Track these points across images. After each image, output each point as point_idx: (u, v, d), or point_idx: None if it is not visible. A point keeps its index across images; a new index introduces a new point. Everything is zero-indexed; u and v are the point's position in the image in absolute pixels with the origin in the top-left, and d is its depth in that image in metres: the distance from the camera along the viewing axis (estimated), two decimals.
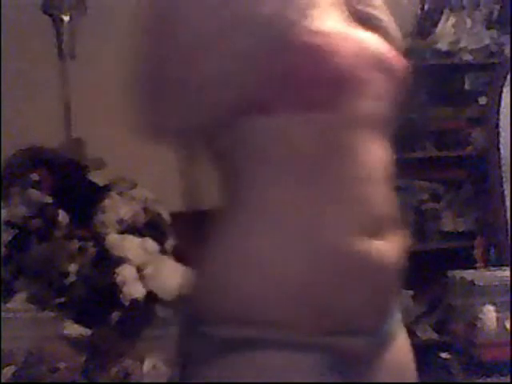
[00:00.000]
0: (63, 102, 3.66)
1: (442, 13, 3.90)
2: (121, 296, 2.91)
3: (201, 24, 1.13)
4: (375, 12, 1.30)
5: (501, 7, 3.94)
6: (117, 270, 2.95)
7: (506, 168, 3.65)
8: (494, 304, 3.17)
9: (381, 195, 1.21)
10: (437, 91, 3.95)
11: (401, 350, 1.28)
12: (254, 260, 1.16)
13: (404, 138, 3.54)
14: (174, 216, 3.36)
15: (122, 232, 3.11)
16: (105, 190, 3.23)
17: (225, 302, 1.18)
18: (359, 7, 1.28)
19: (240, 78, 1.13)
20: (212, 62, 1.13)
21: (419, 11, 3.89)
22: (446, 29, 3.89)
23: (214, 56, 1.12)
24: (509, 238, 3.61)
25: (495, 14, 3.96)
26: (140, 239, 3.11)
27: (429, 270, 3.50)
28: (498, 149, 3.68)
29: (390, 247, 1.20)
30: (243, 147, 1.19)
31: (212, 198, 1.39)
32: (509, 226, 3.64)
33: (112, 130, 3.68)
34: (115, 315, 2.88)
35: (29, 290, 2.92)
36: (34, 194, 3.10)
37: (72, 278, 2.93)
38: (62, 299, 2.89)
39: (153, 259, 3.08)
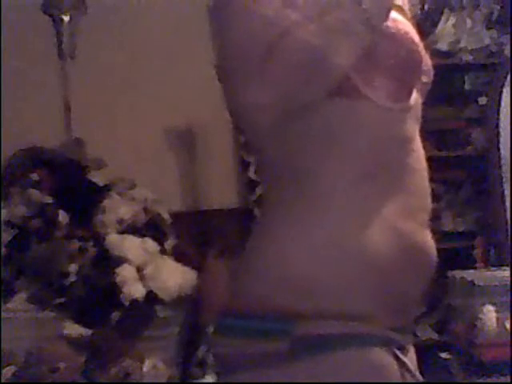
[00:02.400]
0: (63, 102, 3.66)
1: (442, 13, 3.90)
2: (121, 296, 2.91)
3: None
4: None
5: (501, 7, 3.94)
6: (117, 270, 2.95)
7: (506, 168, 3.65)
8: (494, 304, 3.17)
9: (428, 187, 1.23)
10: (437, 91, 3.94)
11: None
12: (330, 251, 1.12)
13: None
14: (174, 216, 3.36)
15: (122, 232, 3.11)
16: (105, 189, 3.23)
17: (304, 297, 1.12)
18: None
19: (339, 59, 1.11)
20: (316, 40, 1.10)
21: (419, 11, 3.89)
22: (446, 29, 3.89)
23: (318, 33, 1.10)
24: (509, 237, 3.61)
25: (495, 14, 3.95)
26: (140, 239, 3.11)
27: None
28: (498, 149, 3.68)
29: (431, 238, 1.22)
30: (318, 131, 1.15)
31: (212, 198, 1.38)
32: (509, 226, 3.64)
33: (112, 130, 3.70)
34: (115, 315, 2.88)
35: (29, 290, 2.91)
36: (34, 193, 3.10)
37: (72, 278, 2.92)
38: (62, 299, 2.88)
39: (153, 259, 3.08)
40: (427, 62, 1.26)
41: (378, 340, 1.12)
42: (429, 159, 1.26)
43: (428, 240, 1.21)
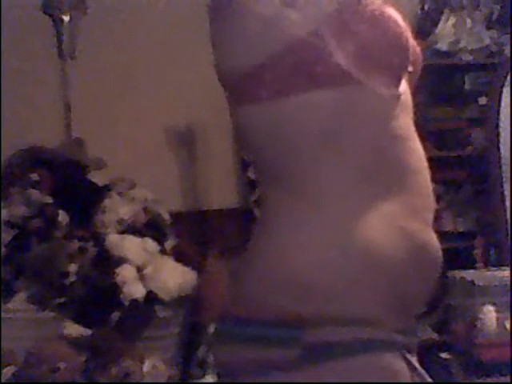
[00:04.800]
0: (63, 102, 3.66)
1: (442, 13, 3.90)
2: (121, 296, 2.91)
3: None
4: None
5: (501, 7, 3.94)
6: (117, 270, 2.95)
7: (506, 168, 3.65)
8: (494, 304, 3.18)
9: (430, 187, 1.21)
10: (437, 91, 3.95)
11: None
12: (333, 252, 1.10)
13: None
14: (174, 216, 3.36)
15: (122, 232, 3.11)
16: (105, 189, 3.23)
17: (311, 303, 1.09)
18: None
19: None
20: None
21: (419, 11, 3.89)
22: (446, 29, 3.89)
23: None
24: (509, 237, 3.61)
25: (495, 14, 3.95)
26: (140, 239, 3.11)
27: None
28: (498, 149, 3.68)
29: (435, 237, 1.21)
30: (315, 128, 1.13)
31: (212, 198, 1.36)
32: (509, 226, 3.64)
33: (112, 130, 3.70)
34: (115, 315, 2.88)
35: (29, 290, 2.92)
36: (34, 193, 3.10)
37: (72, 278, 2.93)
38: (62, 299, 2.88)
39: (153, 259, 3.08)
40: (414, 49, 1.23)
41: (389, 345, 1.10)
42: (429, 159, 1.25)
43: (433, 239, 1.20)
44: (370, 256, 1.10)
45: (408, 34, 1.17)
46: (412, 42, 1.19)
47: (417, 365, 1.15)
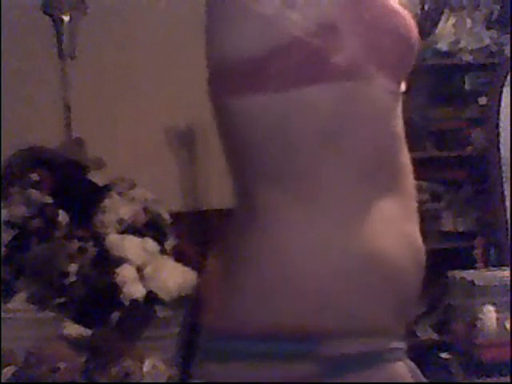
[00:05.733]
0: (63, 102, 3.66)
1: (442, 13, 3.90)
2: (121, 296, 2.91)
3: None
4: None
5: (501, 7, 3.94)
6: (117, 270, 2.95)
7: (506, 168, 3.65)
8: (494, 304, 3.18)
9: (414, 187, 1.18)
10: (437, 91, 3.95)
11: None
12: (334, 256, 1.06)
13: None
14: (174, 216, 3.36)
15: (122, 232, 3.11)
16: (105, 189, 3.23)
17: (312, 313, 1.04)
18: None
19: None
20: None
21: (419, 11, 3.89)
22: (446, 29, 3.89)
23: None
24: (509, 237, 3.61)
25: (495, 13, 3.95)
26: (140, 239, 3.11)
27: (429, 270, 3.47)
28: (498, 149, 3.68)
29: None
30: (314, 126, 1.09)
31: (212, 198, 1.34)
32: (509, 226, 3.64)
33: (112, 130, 3.70)
34: (115, 315, 2.88)
35: (29, 289, 2.92)
36: (34, 193, 3.10)
37: (72, 278, 2.93)
38: (62, 299, 2.89)
39: (153, 259, 3.08)
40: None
41: (395, 352, 1.08)
42: (429, 159, 1.24)
43: (421, 242, 1.16)
44: (374, 260, 1.07)
45: (415, 31, 1.16)
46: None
47: (414, 366, 1.14)
